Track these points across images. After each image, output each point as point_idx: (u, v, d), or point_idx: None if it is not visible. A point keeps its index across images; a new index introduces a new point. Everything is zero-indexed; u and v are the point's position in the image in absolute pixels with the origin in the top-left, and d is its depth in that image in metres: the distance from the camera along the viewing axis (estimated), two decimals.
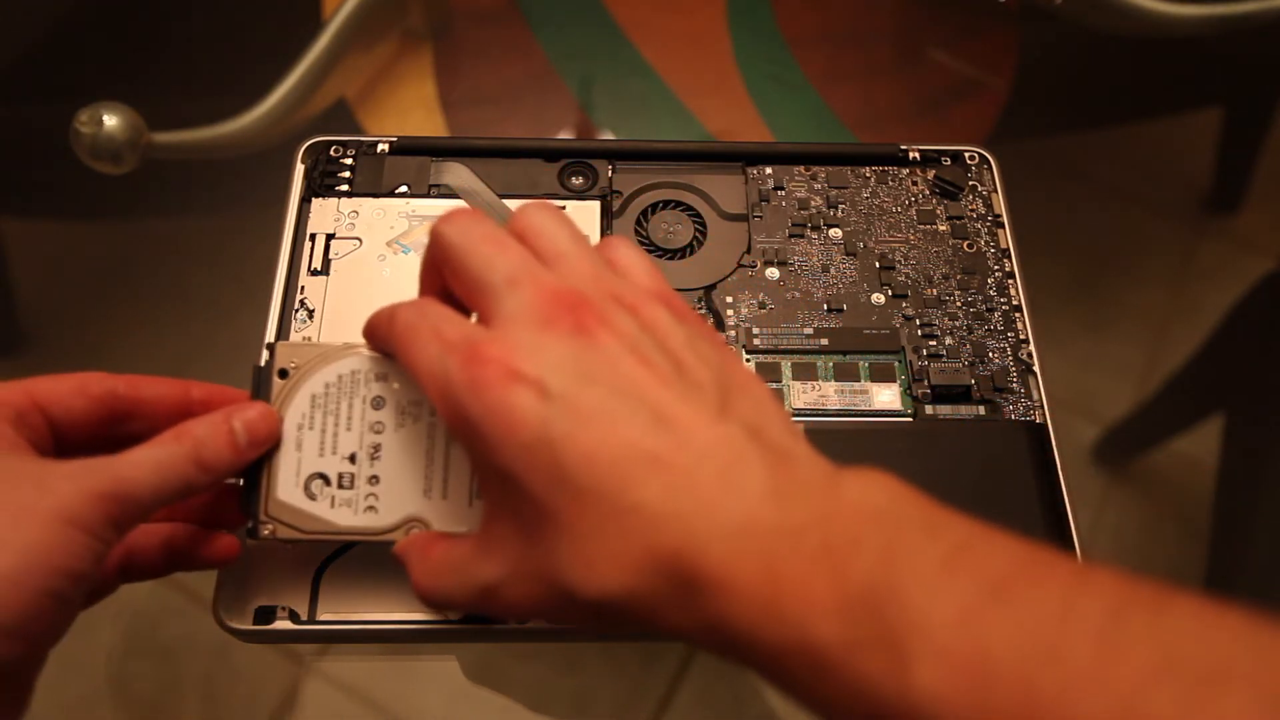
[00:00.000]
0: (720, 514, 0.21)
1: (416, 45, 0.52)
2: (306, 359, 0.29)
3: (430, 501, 0.28)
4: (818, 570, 0.20)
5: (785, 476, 0.22)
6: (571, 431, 0.22)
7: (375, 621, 0.32)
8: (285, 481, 0.28)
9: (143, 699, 0.35)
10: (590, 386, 0.22)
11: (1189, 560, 0.41)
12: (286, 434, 0.28)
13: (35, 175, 0.49)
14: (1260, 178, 0.52)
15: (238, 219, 0.48)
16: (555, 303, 0.24)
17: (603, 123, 0.50)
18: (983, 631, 0.18)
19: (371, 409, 0.29)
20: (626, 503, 0.21)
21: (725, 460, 0.22)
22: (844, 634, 0.19)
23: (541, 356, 0.23)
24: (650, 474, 0.21)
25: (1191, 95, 0.55)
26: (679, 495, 0.21)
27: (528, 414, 0.22)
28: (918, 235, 0.40)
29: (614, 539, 0.21)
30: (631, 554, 0.21)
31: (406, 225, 0.39)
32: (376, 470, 0.28)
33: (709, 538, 0.21)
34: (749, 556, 0.20)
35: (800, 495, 0.21)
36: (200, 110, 0.46)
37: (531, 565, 0.23)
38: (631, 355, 0.23)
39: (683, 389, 0.23)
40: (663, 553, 0.21)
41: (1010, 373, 0.37)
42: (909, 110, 0.52)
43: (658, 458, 0.22)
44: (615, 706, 0.36)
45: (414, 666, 0.36)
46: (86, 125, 0.42)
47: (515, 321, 0.24)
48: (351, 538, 0.28)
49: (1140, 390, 0.45)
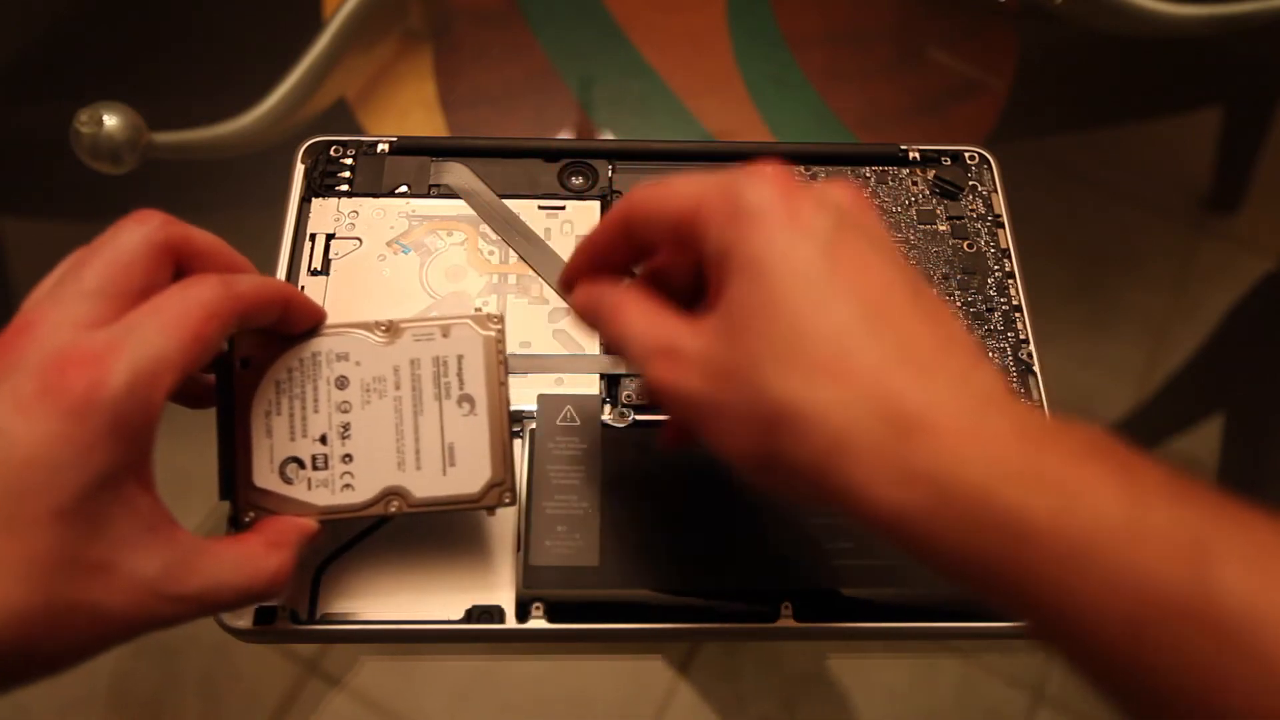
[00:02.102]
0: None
1: (416, 45, 0.52)
2: (266, 345, 0.29)
3: (405, 473, 0.29)
4: (1099, 459, 0.20)
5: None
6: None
7: (375, 621, 0.32)
8: (260, 469, 0.29)
9: (142, 699, 0.35)
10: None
11: None
12: (256, 423, 0.29)
13: (35, 175, 0.49)
14: (1260, 178, 0.52)
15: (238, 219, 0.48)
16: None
17: (603, 123, 0.50)
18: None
19: (336, 389, 0.29)
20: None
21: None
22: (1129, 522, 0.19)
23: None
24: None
25: (1191, 95, 0.55)
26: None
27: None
28: (918, 235, 0.40)
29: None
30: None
31: (406, 225, 0.39)
32: (348, 449, 0.29)
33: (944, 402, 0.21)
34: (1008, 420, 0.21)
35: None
36: (200, 110, 0.46)
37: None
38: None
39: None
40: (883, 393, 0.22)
41: (1010, 373, 0.37)
42: (909, 110, 0.52)
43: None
44: (615, 706, 0.36)
45: (414, 666, 0.36)
46: (86, 125, 0.42)
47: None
48: (333, 516, 0.29)
49: (1140, 390, 0.45)
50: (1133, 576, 0.18)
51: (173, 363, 0.24)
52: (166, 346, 0.24)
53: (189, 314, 0.24)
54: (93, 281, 0.24)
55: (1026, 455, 0.20)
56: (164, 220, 0.26)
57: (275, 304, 0.28)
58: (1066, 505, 0.19)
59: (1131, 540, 0.19)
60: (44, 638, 0.22)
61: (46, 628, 0.22)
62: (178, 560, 0.24)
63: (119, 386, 0.23)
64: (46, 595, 0.22)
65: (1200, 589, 0.18)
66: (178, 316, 0.24)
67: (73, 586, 0.22)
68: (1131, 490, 0.19)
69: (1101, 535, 0.19)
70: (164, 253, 0.26)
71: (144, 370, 0.23)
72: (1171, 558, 0.18)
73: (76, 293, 0.24)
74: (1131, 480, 0.20)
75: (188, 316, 0.24)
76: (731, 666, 0.37)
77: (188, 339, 0.24)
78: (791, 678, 0.36)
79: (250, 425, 0.29)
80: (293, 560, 0.27)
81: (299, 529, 0.28)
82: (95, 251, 0.25)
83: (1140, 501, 0.19)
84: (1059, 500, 0.19)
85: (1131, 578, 0.18)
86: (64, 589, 0.22)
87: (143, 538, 0.24)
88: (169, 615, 0.24)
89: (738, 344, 0.23)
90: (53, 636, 0.22)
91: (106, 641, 0.24)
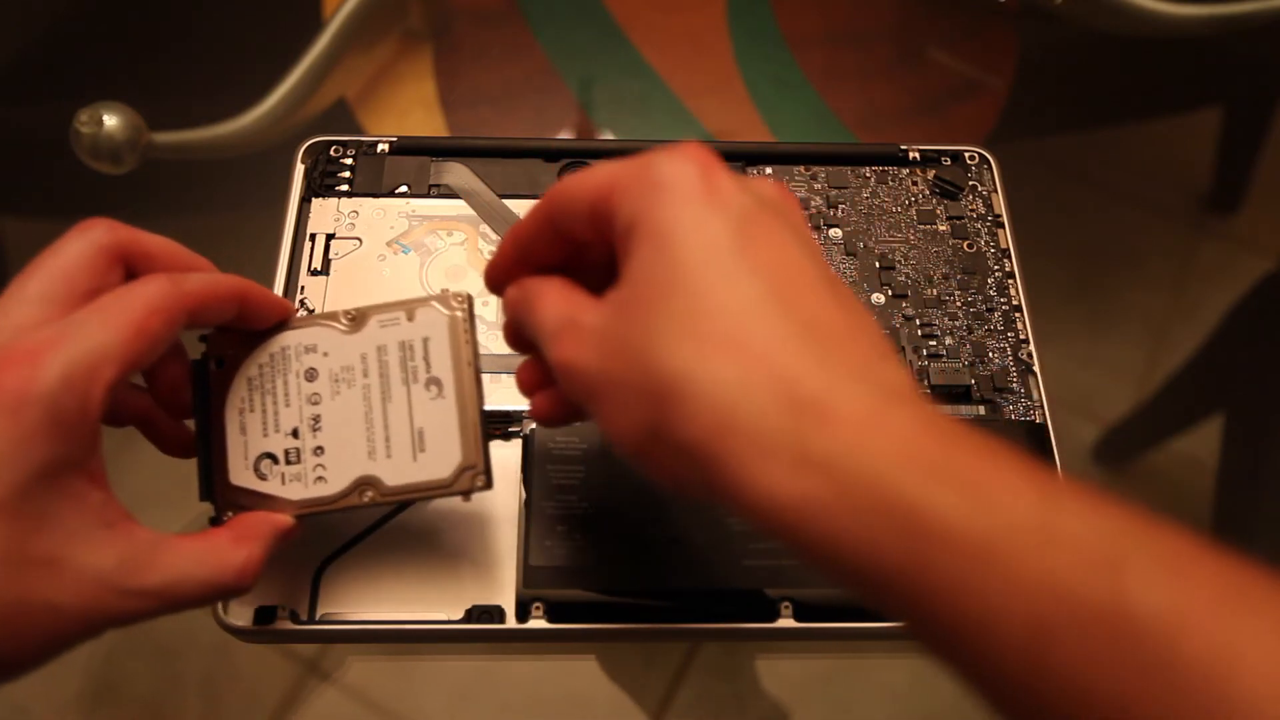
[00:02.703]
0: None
1: (416, 45, 0.52)
2: (238, 344, 0.29)
3: (376, 462, 0.29)
4: (1016, 468, 0.19)
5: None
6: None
7: (375, 621, 0.32)
8: (236, 466, 0.29)
9: (142, 699, 0.35)
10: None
11: None
12: (230, 420, 0.29)
13: (35, 175, 0.49)
14: (1260, 178, 0.52)
15: (238, 219, 0.48)
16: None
17: (603, 123, 0.50)
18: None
19: (306, 381, 0.29)
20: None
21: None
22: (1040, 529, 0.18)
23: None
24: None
25: (1191, 95, 0.55)
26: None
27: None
28: (918, 235, 0.40)
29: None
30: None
31: (406, 225, 0.39)
32: (320, 441, 0.29)
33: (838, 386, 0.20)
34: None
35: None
36: (200, 110, 0.46)
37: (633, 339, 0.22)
38: None
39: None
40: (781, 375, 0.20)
41: (1010, 373, 0.37)
42: (909, 110, 0.52)
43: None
44: (615, 706, 0.36)
45: (414, 666, 0.36)
46: (86, 125, 0.42)
47: None
48: (307, 510, 0.28)
49: (1140, 390, 0.45)
50: (1042, 580, 0.17)
51: (113, 356, 0.24)
52: (106, 340, 0.24)
53: (131, 309, 0.24)
54: (35, 288, 0.24)
55: (933, 449, 0.19)
56: (109, 225, 0.26)
57: (228, 299, 0.27)
58: (975, 502, 0.18)
59: (1043, 543, 0.18)
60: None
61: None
62: (135, 554, 0.24)
63: (53, 379, 0.22)
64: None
65: (1113, 597, 0.17)
66: (119, 312, 0.24)
67: (19, 584, 0.22)
68: (1043, 493, 0.18)
69: (1011, 535, 0.18)
70: (109, 256, 0.26)
71: (81, 363, 0.23)
72: (1084, 564, 0.17)
73: (19, 299, 0.24)
74: (1043, 483, 0.19)
75: (130, 311, 0.24)
76: (731, 666, 0.37)
77: (129, 333, 0.24)
78: (791, 677, 0.36)
79: (225, 424, 0.29)
80: (262, 553, 0.27)
81: (269, 523, 0.28)
82: (41, 260, 0.25)
83: (1053, 505, 0.18)
84: (967, 497, 0.18)
85: (1041, 581, 0.17)
86: (9, 586, 0.22)
87: (94, 532, 0.23)
88: (128, 610, 0.24)
89: (635, 315, 0.22)
90: (4, 636, 0.22)
91: (63, 639, 0.23)
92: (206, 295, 0.26)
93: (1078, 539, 0.18)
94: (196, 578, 0.25)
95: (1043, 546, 0.18)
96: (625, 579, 0.32)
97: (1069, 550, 0.18)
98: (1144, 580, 0.17)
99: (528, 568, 0.32)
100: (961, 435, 0.20)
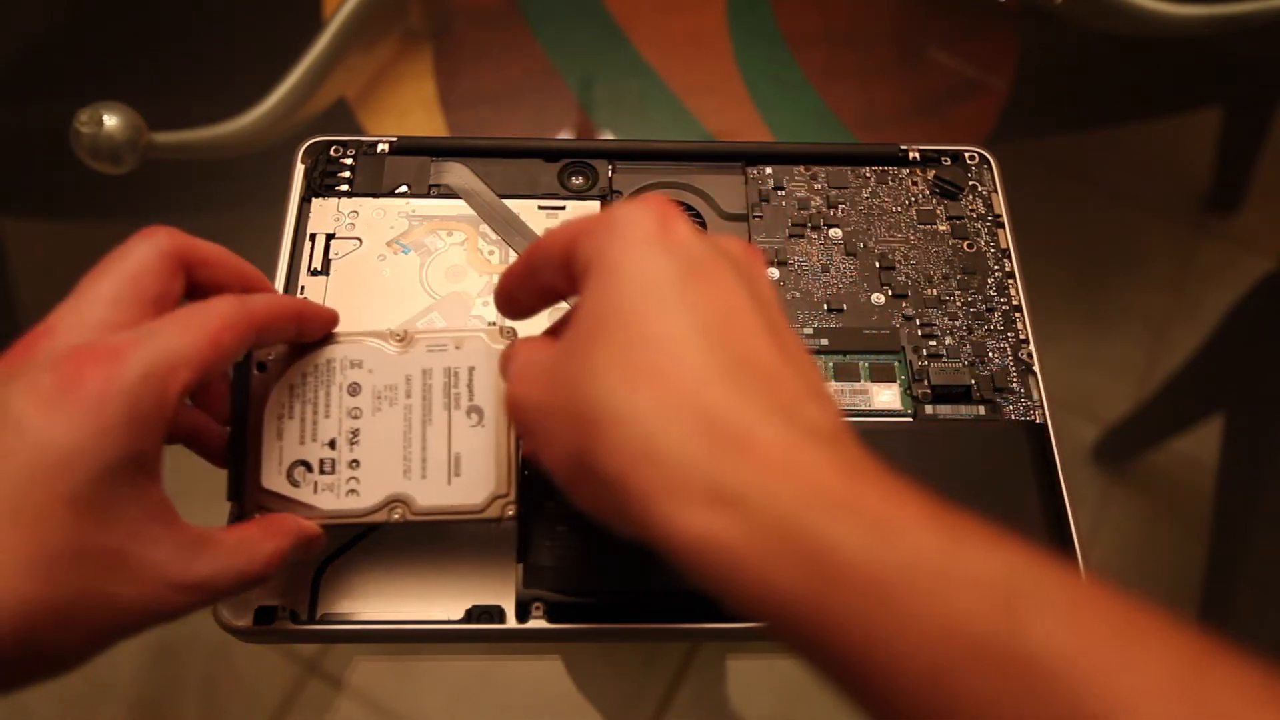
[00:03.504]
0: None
1: (416, 45, 0.52)
2: (282, 353, 0.30)
3: (410, 481, 0.29)
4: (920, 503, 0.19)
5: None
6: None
7: (375, 621, 0.32)
8: (269, 470, 0.29)
9: (143, 699, 0.35)
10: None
11: (1189, 560, 0.41)
12: (267, 424, 0.29)
13: (35, 175, 0.49)
14: (1260, 178, 0.52)
15: (237, 219, 0.48)
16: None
17: (603, 123, 0.50)
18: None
19: (348, 395, 0.30)
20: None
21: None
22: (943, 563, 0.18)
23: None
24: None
25: (1191, 95, 0.55)
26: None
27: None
28: (918, 235, 0.40)
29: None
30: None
31: (406, 225, 0.39)
32: (356, 454, 0.29)
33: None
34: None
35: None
36: (200, 110, 0.46)
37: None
38: None
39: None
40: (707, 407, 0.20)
41: (1010, 373, 0.37)
42: (909, 110, 0.52)
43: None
44: (615, 706, 0.36)
45: (414, 666, 0.36)
46: (86, 125, 0.42)
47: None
48: (336, 520, 0.29)
49: (1140, 390, 0.45)
50: (944, 618, 0.18)
51: (189, 360, 0.24)
52: (183, 345, 0.25)
53: (208, 321, 0.25)
54: (109, 289, 0.25)
55: (841, 486, 0.19)
56: (169, 232, 0.27)
57: (289, 319, 0.29)
58: (880, 540, 0.18)
59: (945, 581, 0.18)
60: (51, 631, 0.22)
61: (54, 621, 0.22)
62: (184, 548, 0.25)
63: (134, 377, 0.23)
64: (54, 587, 0.22)
65: (1010, 636, 0.17)
66: (197, 323, 0.25)
67: (83, 577, 0.23)
68: (947, 532, 0.19)
69: (914, 574, 0.18)
70: (173, 261, 0.27)
71: (160, 363, 0.24)
72: (983, 602, 0.18)
73: (93, 299, 0.25)
74: (947, 523, 0.19)
75: (207, 324, 0.25)
76: (731, 667, 0.37)
77: (204, 342, 0.25)
78: (791, 678, 0.36)
79: (262, 428, 0.29)
80: (287, 548, 0.28)
81: (296, 524, 0.28)
82: (109, 263, 0.26)
83: (955, 544, 0.18)
84: (873, 535, 0.19)
85: (942, 619, 0.18)
86: (74, 579, 0.22)
87: (152, 528, 0.24)
88: (179, 604, 0.25)
89: (576, 348, 0.22)
90: (62, 628, 0.22)
91: (116, 633, 0.24)
92: (273, 314, 0.28)
93: (977, 578, 0.18)
94: (235, 568, 0.26)
95: (943, 584, 0.18)
96: (625, 579, 0.32)
97: (968, 589, 0.18)
98: (1040, 619, 0.17)
99: (528, 568, 0.32)
100: (871, 473, 0.20)
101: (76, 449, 0.22)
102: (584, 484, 0.22)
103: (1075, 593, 0.18)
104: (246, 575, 0.26)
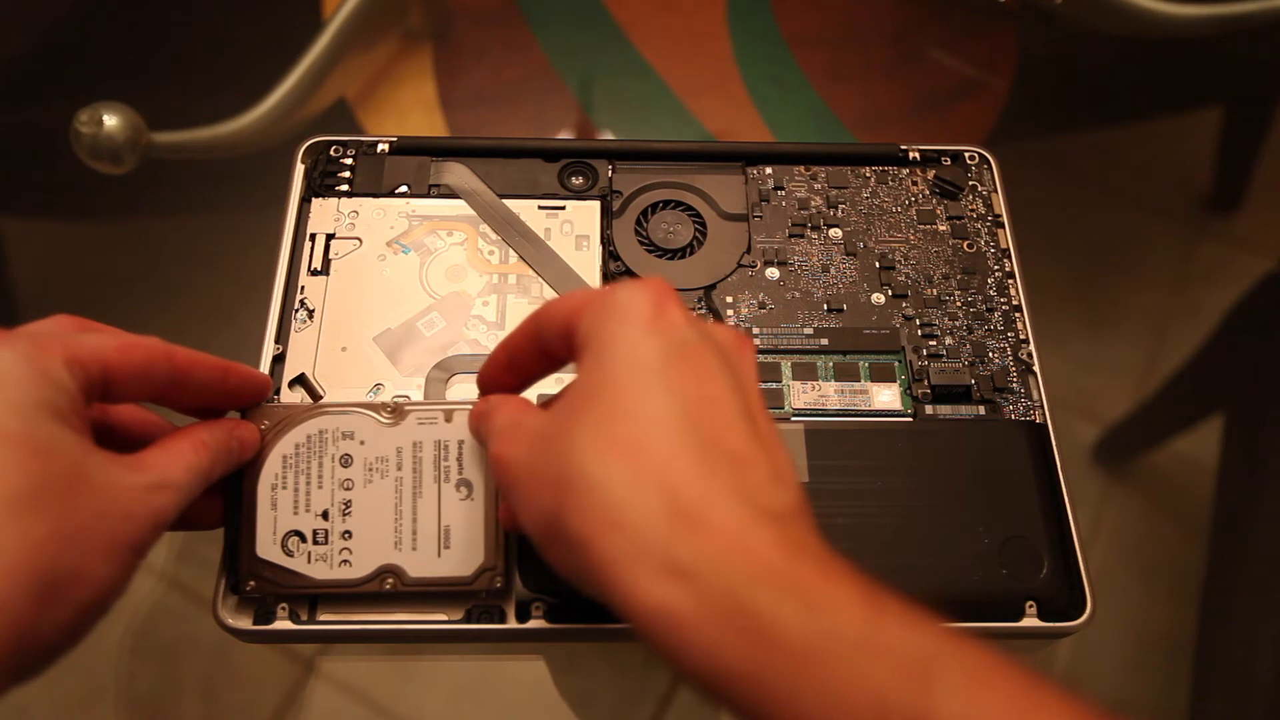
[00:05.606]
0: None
1: (416, 45, 0.52)
2: (276, 420, 0.31)
3: (401, 553, 0.30)
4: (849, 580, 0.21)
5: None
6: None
7: (375, 621, 0.32)
8: (264, 539, 0.30)
9: (143, 699, 0.35)
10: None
11: (1189, 560, 0.41)
12: (262, 494, 0.30)
13: (35, 175, 0.49)
14: (1260, 178, 0.52)
15: (238, 219, 0.48)
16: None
17: (603, 123, 0.50)
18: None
19: (340, 466, 0.31)
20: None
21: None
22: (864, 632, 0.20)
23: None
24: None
25: (1191, 95, 0.55)
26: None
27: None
28: (918, 235, 0.40)
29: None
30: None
31: (406, 225, 0.39)
32: (348, 525, 0.30)
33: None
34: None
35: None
36: (200, 110, 0.46)
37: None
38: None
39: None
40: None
41: (1010, 373, 0.37)
42: (909, 110, 0.52)
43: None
44: (615, 706, 0.36)
45: (414, 666, 0.36)
46: (86, 125, 0.42)
47: None
48: (329, 590, 0.30)
49: (1140, 390, 0.45)
50: (862, 688, 0.19)
51: (106, 349, 0.26)
52: (95, 337, 0.26)
53: (124, 335, 0.27)
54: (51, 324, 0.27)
55: (784, 565, 0.21)
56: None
57: (214, 369, 0.29)
58: (810, 613, 0.20)
59: (865, 654, 0.19)
60: (72, 557, 0.23)
61: (68, 550, 0.23)
62: (129, 463, 0.25)
63: (24, 340, 0.24)
64: (56, 517, 0.23)
65: (920, 707, 0.19)
66: (114, 331, 0.27)
67: (64, 499, 0.23)
68: (872, 609, 0.20)
69: (839, 644, 0.20)
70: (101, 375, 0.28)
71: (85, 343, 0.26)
72: (898, 674, 0.19)
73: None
74: (874, 602, 0.20)
75: (121, 334, 0.27)
76: None
77: (113, 342, 0.26)
78: None
79: (256, 497, 0.30)
80: (221, 435, 0.29)
81: (225, 424, 0.29)
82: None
83: (879, 620, 0.20)
84: (805, 608, 0.20)
85: (861, 688, 0.19)
86: (60, 504, 0.23)
87: (93, 454, 0.25)
88: (159, 505, 0.25)
89: (562, 417, 0.24)
90: (79, 554, 0.23)
91: (128, 546, 0.24)
92: (196, 362, 0.28)
93: (894, 650, 0.20)
94: (180, 462, 0.27)
95: (863, 655, 0.19)
96: None
97: (886, 660, 0.19)
98: (949, 691, 0.19)
99: (528, 568, 0.32)
100: (814, 552, 0.21)
101: (12, 379, 0.23)
102: (556, 545, 0.23)
103: (983, 665, 0.20)
104: (195, 466, 0.27)
